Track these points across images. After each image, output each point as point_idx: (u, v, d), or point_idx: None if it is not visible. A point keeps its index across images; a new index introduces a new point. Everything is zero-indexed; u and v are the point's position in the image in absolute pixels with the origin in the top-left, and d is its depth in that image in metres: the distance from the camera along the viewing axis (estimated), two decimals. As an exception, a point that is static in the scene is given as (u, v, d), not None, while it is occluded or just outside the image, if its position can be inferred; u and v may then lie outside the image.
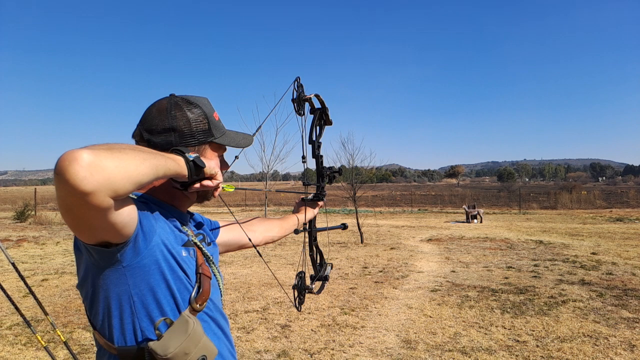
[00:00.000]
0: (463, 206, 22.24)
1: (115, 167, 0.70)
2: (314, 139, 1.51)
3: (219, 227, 1.33)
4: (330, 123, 1.58)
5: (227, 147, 1.11)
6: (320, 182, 1.58)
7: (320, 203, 1.63)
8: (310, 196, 1.62)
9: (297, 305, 1.43)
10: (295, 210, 1.69)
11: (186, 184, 0.97)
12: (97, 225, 0.76)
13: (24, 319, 2.07)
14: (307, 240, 1.55)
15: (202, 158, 1.01)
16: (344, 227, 1.80)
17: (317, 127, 1.53)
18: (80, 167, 0.66)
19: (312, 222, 1.60)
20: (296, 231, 1.52)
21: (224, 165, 1.12)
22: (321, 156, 1.54)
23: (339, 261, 8.89)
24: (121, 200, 0.76)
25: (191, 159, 0.92)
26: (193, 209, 1.21)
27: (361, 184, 13.62)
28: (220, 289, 1.10)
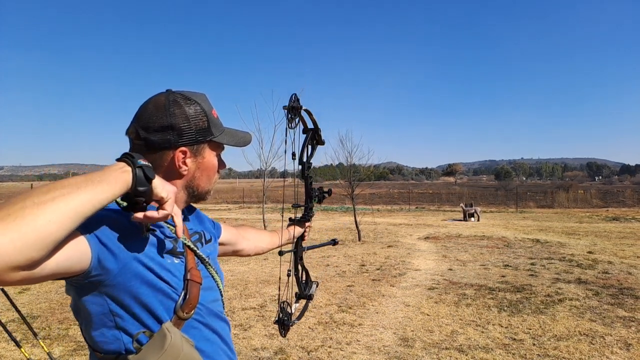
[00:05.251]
0: (460, 204, 22.28)
1: (11, 241, 0.61)
2: (304, 159, 1.48)
3: (220, 227, 1.31)
4: (322, 143, 1.56)
5: (225, 145, 1.08)
6: (308, 203, 1.56)
7: (308, 224, 1.61)
8: (298, 216, 1.61)
9: (282, 332, 1.42)
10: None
11: (129, 201, 0.82)
12: (37, 280, 0.71)
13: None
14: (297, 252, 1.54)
15: (192, 159, 0.98)
16: (334, 242, 1.78)
17: (309, 147, 1.52)
18: None
19: (298, 241, 1.58)
20: (281, 252, 1.48)
21: (221, 164, 1.09)
22: (311, 177, 1.52)
23: (337, 259, 8.89)
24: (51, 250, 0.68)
25: (139, 164, 0.79)
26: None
27: (359, 182, 13.62)
28: (219, 289, 1.07)
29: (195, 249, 1.01)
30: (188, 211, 1.12)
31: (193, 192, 1.03)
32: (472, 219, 18.75)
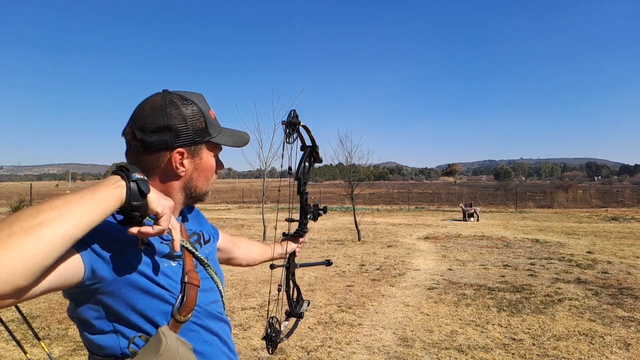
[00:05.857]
0: (460, 204, 22.29)
1: None
2: (300, 175, 1.48)
3: (218, 231, 1.30)
4: (320, 160, 1.55)
5: (223, 146, 1.06)
6: (302, 218, 1.55)
7: (301, 239, 1.60)
8: (292, 230, 1.59)
9: (270, 349, 1.40)
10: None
11: (124, 215, 0.80)
12: (29, 299, 0.71)
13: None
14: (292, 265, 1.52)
15: (190, 160, 0.97)
16: (328, 263, 1.76)
17: (306, 163, 1.51)
18: None
19: (290, 257, 1.56)
20: (272, 266, 1.46)
21: (219, 165, 1.08)
22: (306, 193, 1.51)
23: (337, 259, 8.89)
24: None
25: (134, 178, 0.77)
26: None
27: (359, 182, 13.62)
28: (219, 290, 1.06)
29: (194, 250, 0.99)
30: (187, 210, 1.11)
31: (191, 193, 1.01)
32: (472, 219, 18.75)
